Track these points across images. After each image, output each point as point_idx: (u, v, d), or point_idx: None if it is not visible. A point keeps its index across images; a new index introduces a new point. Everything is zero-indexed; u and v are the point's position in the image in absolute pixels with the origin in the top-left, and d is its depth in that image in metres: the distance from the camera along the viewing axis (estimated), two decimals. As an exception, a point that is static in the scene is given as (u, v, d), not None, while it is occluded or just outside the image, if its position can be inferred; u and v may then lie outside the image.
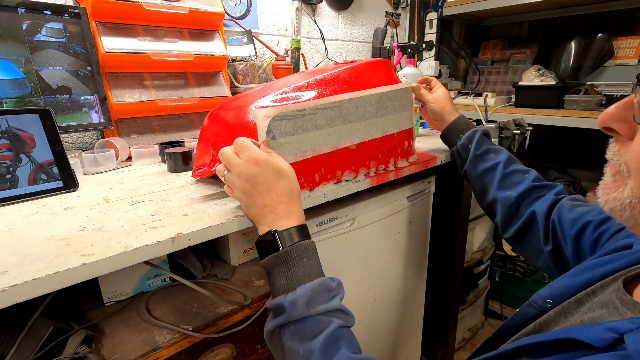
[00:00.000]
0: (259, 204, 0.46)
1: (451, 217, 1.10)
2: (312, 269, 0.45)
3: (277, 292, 0.44)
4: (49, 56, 0.73)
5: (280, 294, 0.43)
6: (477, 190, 0.75)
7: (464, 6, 1.56)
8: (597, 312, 0.36)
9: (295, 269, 0.43)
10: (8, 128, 0.58)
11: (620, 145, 0.33)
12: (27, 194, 0.58)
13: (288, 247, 0.44)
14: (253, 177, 0.46)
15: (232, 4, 1.19)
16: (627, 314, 0.33)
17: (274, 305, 0.44)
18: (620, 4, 1.41)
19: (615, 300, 0.35)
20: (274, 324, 0.43)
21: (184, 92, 0.94)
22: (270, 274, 0.45)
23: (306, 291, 0.42)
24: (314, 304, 0.42)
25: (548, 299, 0.43)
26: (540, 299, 0.44)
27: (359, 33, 1.59)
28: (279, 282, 0.44)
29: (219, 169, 0.51)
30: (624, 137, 0.32)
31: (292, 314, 0.42)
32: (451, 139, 0.80)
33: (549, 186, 0.66)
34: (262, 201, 0.46)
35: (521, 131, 1.14)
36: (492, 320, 1.75)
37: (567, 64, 1.49)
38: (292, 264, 0.44)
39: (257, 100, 0.56)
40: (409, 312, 1.01)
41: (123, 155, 0.79)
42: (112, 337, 0.53)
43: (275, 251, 0.44)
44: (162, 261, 0.64)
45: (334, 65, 0.70)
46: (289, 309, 0.42)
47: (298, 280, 0.43)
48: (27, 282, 0.34)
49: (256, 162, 0.46)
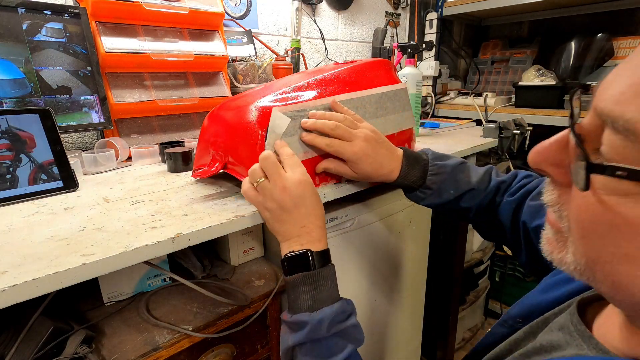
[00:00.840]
0: (297, 223, 0.48)
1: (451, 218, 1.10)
2: (334, 293, 0.48)
3: (300, 308, 0.46)
4: (49, 56, 0.73)
5: (303, 311, 0.45)
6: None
7: (464, 6, 1.56)
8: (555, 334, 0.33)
9: (321, 289, 0.46)
10: (8, 128, 0.58)
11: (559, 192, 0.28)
12: (27, 194, 0.58)
13: (318, 269, 0.47)
14: (299, 197, 0.48)
15: (232, 4, 1.19)
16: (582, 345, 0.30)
17: (296, 321, 0.45)
18: (620, 4, 1.41)
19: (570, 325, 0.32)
20: (295, 340, 0.45)
21: (184, 92, 0.94)
22: (295, 290, 0.47)
23: (330, 314, 0.45)
24: (333, 324, 0.45)
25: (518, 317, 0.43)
26: (511, 319, 0.44)
27: (359, 33, 1.59)
28: (303, 300, 0.46)
29: (255, 170, 0.49)
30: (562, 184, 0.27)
31: (316, 332, 0.44)
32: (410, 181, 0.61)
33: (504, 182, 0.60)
34: (302, 222, 0.48)
35: (521, 131, 1.14)
36: (492, 320, 1.75)
37: (567, 64, 1.48)
38: (320, 285, 0.46)
39: (257, 100, 0.56)
40: (409, 312, 1.01)
41: (123, 155, 0.79)
42: (112, 337, 0.53)
43: (304, 269, 0.46)
44: (162, 261, 0.64)
45: (334, 65, 0.70)
46: (314, 327, 0.44)
47: (322, 301, 0.46)
48: (27, 282, 0.34)
49: (304, 184, 0.48)
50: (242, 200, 0.56)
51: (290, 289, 0.47)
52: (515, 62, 1.70)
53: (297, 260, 0.47)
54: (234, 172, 0.57)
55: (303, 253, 0.47)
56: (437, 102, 1.63)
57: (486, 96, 1.45)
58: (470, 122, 1.37)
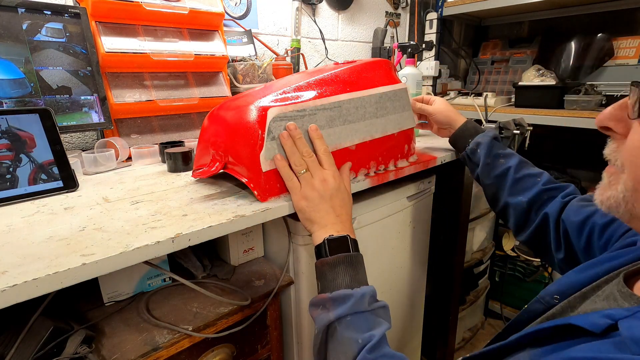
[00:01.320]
0: (334, 212, 0.53)
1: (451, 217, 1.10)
2: (365, 277, 0.52)
3: (339, 286, 0.49)
4: (49, 56, 0.73)
5: (342, 287, 0.48)
6: (489, 195, 0.76)
7: (464, 6, 1.56)
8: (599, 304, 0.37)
9: (357, 271, 0.51)
10: (8, 128, 0.58)
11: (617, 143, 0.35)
12: (27, 194, 0.58)
13: (355, 253, 0.51)
14: (336, 190, 0.54)
15: (232, 4, 1.19)
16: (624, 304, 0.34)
17: (339, 295, 0.47)
18: (620, 4, 1.41)
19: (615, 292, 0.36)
20: (338, 313, 0.46)
21: (184, 92, 0.94)
22: (333, 270, 0.50)
23: (369, 291, 0.49)
24: (372, 301, 0.48)
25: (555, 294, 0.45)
26: (548, 295, 0.46)
27: (359, 33, 1.59)
28: (342, 278, 0.49)
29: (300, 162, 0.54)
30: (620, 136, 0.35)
31: (359, 305, 0.47)
32: (460, 144, 0.81)
33: (560, 187, 0.67)
34: (337, 211, 0.54)
35: (521, 131, 1.14)
36: (492, 320, 1.75)
37: (567, 64, 1.48)
38: (356, 267, 0.51)
39: (257, 100, 0.56)
40: (409, 312, 1.01)
41: (123, 155, 0.79)
42: (112, 337, 0.53)
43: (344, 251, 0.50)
44: (162, 261, 0.64)
45: (334, 65, 0.70)
46: (357, 300, 0.47)
47: (359, 281, 0.50)
48: (27, 282, 0.34)
49: (339, 179, 0.56)
50: (242, 200, 0.56)
51: (328, 270, 0.50)
52: (515, 62, 1.70)
53: (338, 243, 0.51)
54: (234, 172, 0.57)
55: (343, 237, 0.51)
56: (437, 102, 1.62)
57: (486, 96, 1.45)
58: (470, 122, 1.37)
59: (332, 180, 0.54)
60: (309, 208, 0.53)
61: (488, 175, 0.73)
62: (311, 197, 0.53)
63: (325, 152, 0.56)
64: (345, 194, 0.56)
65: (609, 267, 0.42)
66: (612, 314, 0.31)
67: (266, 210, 0.52)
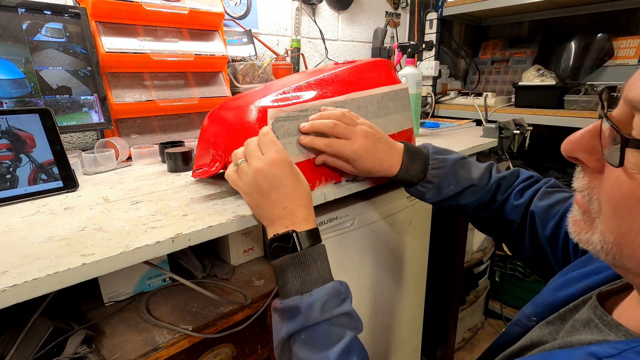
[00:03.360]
0: (277, 205, 0.46)
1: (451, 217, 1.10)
2: (325, 273, 0.45)
3: (289, 293, 0.44)
4: (49, 56, 0.73)
5: (292, 295, 0.43)
6: None
7: (464, 6, 1.56)
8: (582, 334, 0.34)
9: (310, 271, 0.44)
10: (8, 128, 0.58)
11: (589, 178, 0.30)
12: (27, 194, 0.58)
13: (304, 250, 0.44)
14: (275, 177, 0.46)
15: (232, 4, 1.19)
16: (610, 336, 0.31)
17: (287, 307, 0.43)
18: (620, 4, 1.41)
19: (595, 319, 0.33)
20: (288, 330, 0.42)
21: (184, 92, 0.94)
22: (283, 274, 0.45)
23: (322, 295, 0.43)
24: (328, 308, 0.42)
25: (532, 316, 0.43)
26: (525, 317, 0.44)
27: (359, 33, 1.59)
28: (292, 283, 0.44)
29: (236, 153, 0.50)
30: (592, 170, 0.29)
31: (308, 317, 0.41)
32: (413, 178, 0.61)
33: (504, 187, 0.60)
34: (282, 203, 0.46)
35: (521, 131, 1.14)
36: (492, 320, 1.75)
37: (567, 64, 1.49)
38: (308, 266, 0.44)
39: (257, 100, 0.56)
40: (409, 312, 1.01)
41: (123, 155, 0.79)
42: (112, 337, 0.53)
43: (290, 251, 0.44)
44: (162, 261, 0.64)
45: (334, 65, 0.70)
46: (305, 311, 0.42)
47: (312, 282, 0.44)
48: (27, 282, 0.34)
49: (280, 163, 0.46)
50: (242, 200, 0.56)
51: (279, 274, 0.45)
52: (515, 62, 1.70)
53: (282, 242, 0.45)
54: (234, 172, 0.57)
55: (286, 234, 0.45)
56: (437, 102, 1.63)
57: (486, 96, 1.45)
58: (470, 122, 1.37)
59: (267, 168, 0.46)
60: (252, 204, 0.48)
61: None
62: (250, 192, 0.47)
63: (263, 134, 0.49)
64: (292, 177, 0.47)
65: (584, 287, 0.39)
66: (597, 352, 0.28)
67: (266, 210, 0.52)
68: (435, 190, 0.60)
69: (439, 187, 0.59)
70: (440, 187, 0.59)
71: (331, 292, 0.43)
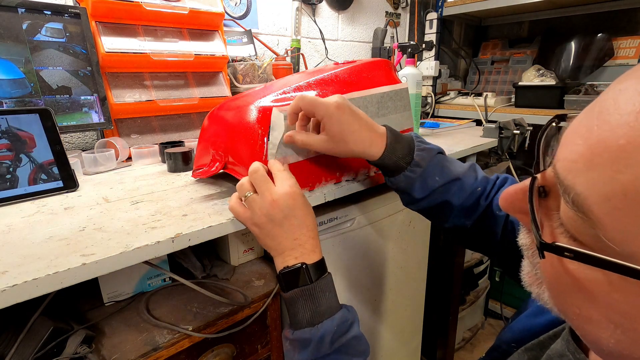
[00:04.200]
0: (289, 237, 0.46)
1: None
2: (333, 302, 0.47)
3: (300, 324, 0.45)
4: (49, 56, 0.73)
5: (304, 326, 0.45)
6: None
7: (464, 6, 1.56)
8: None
9: (319, 302, 0.46)
10: (8, 128, 0.58)
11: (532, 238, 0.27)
12: (27, 194, 0.58)
13: (314, 283, 0.46)
14: (289, 209, 0.46)
15: (232, 4, 1.19)
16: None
17: (299, 338, 0.45)
18: (620, 4, 1.41)
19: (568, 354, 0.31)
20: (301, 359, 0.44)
21: (184, 92, 0.94)
22: (293, 305, 0.46)
23: (332, 327, 0.44)
24: (337, 337, 0.44)
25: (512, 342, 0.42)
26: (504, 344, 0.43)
27: (359, 33, 1.59)
28: (302, 315, 0.45)
29: (243, 184, 0.48)
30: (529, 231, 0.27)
31: (319, 349, 0.44)
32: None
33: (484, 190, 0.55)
34: (293, 234, 0.46)
35: (521, 131, 1.14)
36: (492, 320, 1.75)
37: (567, 64, 1.49)
38: (317, 298, 0.46)
39: (257, 100, 0.56)
40: (409, 312, 1.01)
41: (123, 155, 0.79)
42: (112, 337, 0.53)
43: (300, 283, 0.46)
44: (162, 261, 0.64)
45: (334, 65, 0.70)
46: (316, 344, 0.43)
47: (322, 314, 0.45)
48: (27, 282, 0.34)
49: (293, 196, 0.47)
50: (242, 200, 0.56)
51: (289, 305, 0.47)
52: (515, 62, 1.70)
53: (293, 276, 0.46)
54: (234, 172, 0.57)
55: (298, 268, 0.45)
56: (437, 102, 1.63)
57: (486, 96, 1.45)
58: (470, 122, 1.37)
59: (283, 200, 0.46)
60: (262, 235, 0.48)
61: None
62: (261, 223, 0.47)
63: (278, 170, 0.49)
64: (304, 208, 0.47)
65: None
66: None
67: (266, 210, 0.52)
68: (422, 179, 0.53)
69: (425, 176, 0.53)
70: (426, 177, 0.53)
71: (339, 321, 0.45)
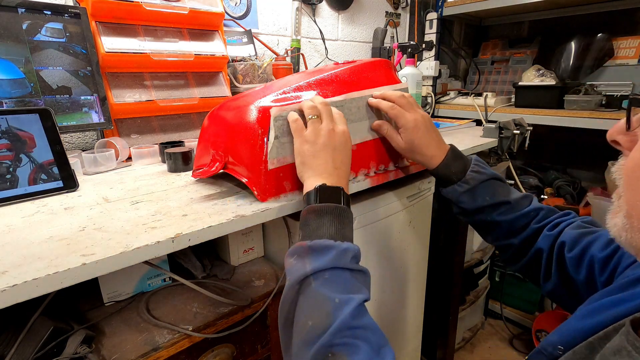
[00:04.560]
0: (333, 163, 0.50)
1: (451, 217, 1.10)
2: (352, 236, 0.48)
3: (322, 235, 0.44)
4: (49, 56, 0.73)
5: (325, 237, 0.44)
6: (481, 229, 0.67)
7: (464, 6, 1.56)
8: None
9: (345, 226, 0.46)
10: (8, 128, 0.58)
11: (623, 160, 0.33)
12: (27, 194, 0.58)
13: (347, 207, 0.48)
14: (342, 145, 0.52)
15: (232, 4, 1.19)
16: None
17: (320, 245, 0.43)
18: (620, 4, 1.41)
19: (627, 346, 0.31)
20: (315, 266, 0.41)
21: (184, 92, 0.94)
22: (319, 218, 0.45)
23: (354, 248, 0.45)
24: (357, 261, 0.45)
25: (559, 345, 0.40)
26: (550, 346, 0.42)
27: (359, 33, 1.59)
28: (327, 228, 0.45)
29: (313, 107, 0.53)
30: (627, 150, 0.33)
31: (340, 259, 0.42)
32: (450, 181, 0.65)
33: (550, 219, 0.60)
34: (336, 164, 0.51)
35: (521, 131, 1.14)
36: (492, 320, 1.75)
37: (567, 64, 1.49)
38: (344, 221, 0.47)
39: (257, 100, 0.56)
40: (409, 312, 1.01)
41: (123, 155, 0.79)
42: (112, 337, 0.53)
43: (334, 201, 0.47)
44: (162, 261, 0.64)
45: (334, 65, 0.70)
46: (339, 253, 0.43)
47: (344, 236, 0.45)
48: (27, 282, 0.34)
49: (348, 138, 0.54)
50: (242, 200, 0.56)
51: (313, 219, 0.45)
52: (515, 62, 1.70)
53: (330, 193, 0.47)
54: (234, 172, 0.57)
55: (337, 188, 0.48)
56: (437, 102, 1.63)
57: (486, 96, 1.45)
58: (470, 122, 1.37)
59: (341, 134, 0.52)
60: (309, 152, 0.51)
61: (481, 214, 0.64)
62: (314, 141, 0.51)
63: (339, 114, 0.55)
64: (350, 153, 0.54)
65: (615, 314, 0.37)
66: None
67: (266, 210, 0.52)
68: (470, 195, 0.61)
69: (475, 193, 0.61)
70: (476, 195, 0.61)
71: (355, 250, 0.45)
